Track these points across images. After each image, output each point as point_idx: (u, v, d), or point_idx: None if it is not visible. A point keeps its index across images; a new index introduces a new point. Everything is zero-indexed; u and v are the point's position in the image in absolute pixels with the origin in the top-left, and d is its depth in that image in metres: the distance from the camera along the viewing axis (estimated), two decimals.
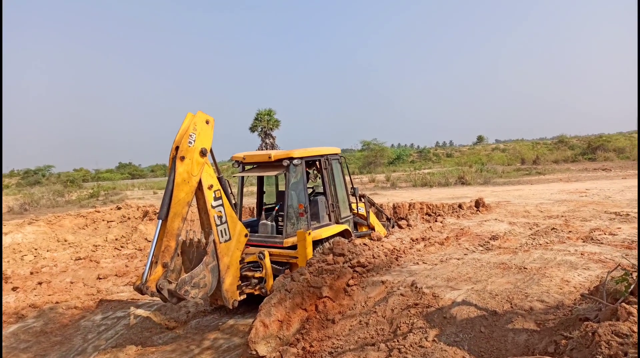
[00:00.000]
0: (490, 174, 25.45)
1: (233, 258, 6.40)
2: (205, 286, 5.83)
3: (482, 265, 5.32)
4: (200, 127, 5.98)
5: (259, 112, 39.29)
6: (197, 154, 5.89)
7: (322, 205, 7.86)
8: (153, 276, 5.44)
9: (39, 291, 9.26)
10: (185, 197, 5.74)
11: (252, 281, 6.83)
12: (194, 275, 5.69)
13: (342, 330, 4.48)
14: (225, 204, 6.34)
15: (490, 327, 3.77)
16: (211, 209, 6.12)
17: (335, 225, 7.86)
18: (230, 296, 6.34)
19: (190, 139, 5.82)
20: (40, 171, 52.34)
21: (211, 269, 5.97)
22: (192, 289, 5.63)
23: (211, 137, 6.24)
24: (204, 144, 6.03)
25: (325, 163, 7.93)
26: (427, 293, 4.44)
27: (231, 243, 6.35)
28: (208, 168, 6.16)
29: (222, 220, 6.24)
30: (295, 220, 7.27)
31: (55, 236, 14.43)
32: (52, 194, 26.62)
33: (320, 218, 7.77)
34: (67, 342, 6.67)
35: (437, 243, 6.76)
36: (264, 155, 7.54)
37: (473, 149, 65.25)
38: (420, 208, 12.59)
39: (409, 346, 3.78)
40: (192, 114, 6.02)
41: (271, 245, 7.23)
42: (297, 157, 7.23)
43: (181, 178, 5.69)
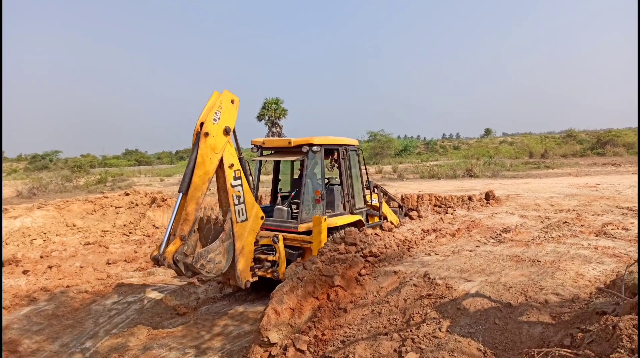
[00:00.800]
0: (498, 167, 25.34)
1: (248, 239, 6.41)
2: (219, 263, 5.86)
3: (494, 257, 5.30)
4: (226, 106, 6.04)
5: (267, 101, 39.24)
6: (221, 132, 5.94)
7: (338, 194, 7.91)
8: (170, 248, 5.49)
9: (49, 275, 9.34)
10: (206, 173, 5.82)
11: (264, 264, 6.84)
12: (210, 250, 5.74)
13: (354, 319, 4.48)
14: (244, 185, 6.38)
15: (504, 319, 3.76)
16: (230, 189, 6.16)
17: (350, 215, 7.87)
18: (243, 277, 6.34)
19: (215, 116, 5.86)
20: (48, 156, 52.68)
21: (227, 246, 6.00)
22: (207, 264, 5.66)
23: (235, 116, 6.28)
24: (228, 122, 6.06)
25: (343, 153, 7.96)
26: (440, 284, 4.43)
27: (247, 223, 6.36)
28: (230, 147, 6.18)
29: (240, 200, 6.28)
30: (311, 206, 7.33)
31: (64, 221, 14.52)
32: (60, 180, 26.76)
33: (335, 206, 7.82)
34: (79, 326, 6.73)
35: (449, 234, 6.75)
36: (283, 141, 7.64)
37: (480, 142, 64.90)
38: (429, 199, 12.54)
39: (423, 336, 3.78)
40: (218, 93, 6.07)
41: (285, 229, 7.27)
42: (317, 144, 7.27)
43: (204, 154, 5.74)
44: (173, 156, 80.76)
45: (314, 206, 7.33)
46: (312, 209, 7.34)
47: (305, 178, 7.31)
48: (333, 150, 8.04)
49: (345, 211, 7.90)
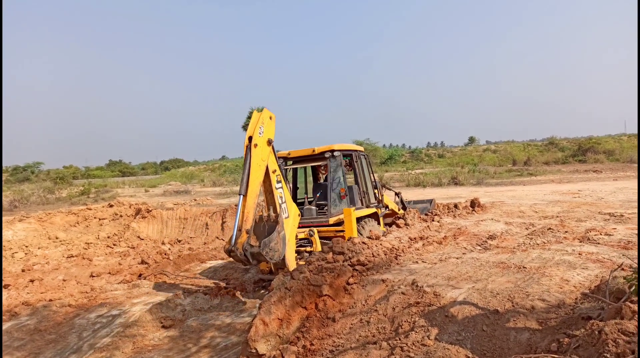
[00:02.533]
0: (482, 175, 25.62)
1: (291, 233, 7.37)
2: (278, 251, 6.64)
3: (481, 264, 5.34)
4: (267, 122, 7.12)
5: (252, 111, 39.22)
6: (266, 143, 7.01)
7: (356, 192, 9.15)
8: (240, 240, 6.41)
9: (31, 289, 9.15)
10: (258, 178, 6.84)
11: (304, 254, 7.85)
12: (271, 240, 6.54)
13: (343, 328, 4.47)
14: (284, 187, 7.48)
15: (492, 326, 3.78)
16: (275, 190, 7.23)
17: (367, 208, 9.13)
18: (291, 264, 7.18)
19: (260, 130, 6.94)
20: (30, 167, 51.80)
21: (282, 237, 6.80)
22: (270, 251, 6.44)
23: (274, 130, 7.38)
24: (270, 135, 7.17)
25: (356, 157, 9.23)
26: (428, 291, 4.44)
27: (289, 220, 7.38)
28: (272, 156, 7.23)
29: (282, 200, 7.34)
30: (338, 201, 8.57)
31: (46, 234, 14.28)
32: (42, 191, 26.34)
33: (355, 202, 9.01)
34: (62, 340, 6.58)
35: (436, 242, 6.78)
36: (308, 150, 8.81)
37: (465, 150, 65.56)
38: None
39: (411, 344, 3.78)
40: (258, 112, 7.14)
41: (318, 224, 8.41)
42: (337, 150, 8.55)
43: (256, 162, 6.76)
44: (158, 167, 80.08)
45: (340, 201, 8.59)
46: (339, 203, 8.57)
47: (331, 178, 8.52)
48: (348, 155, 9.23)
49: (362, 206, 9.10)
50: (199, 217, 15.45)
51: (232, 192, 23.21)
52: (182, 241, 13.95)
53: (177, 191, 29.85)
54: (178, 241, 13.96)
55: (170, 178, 45.39)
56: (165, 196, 26.33)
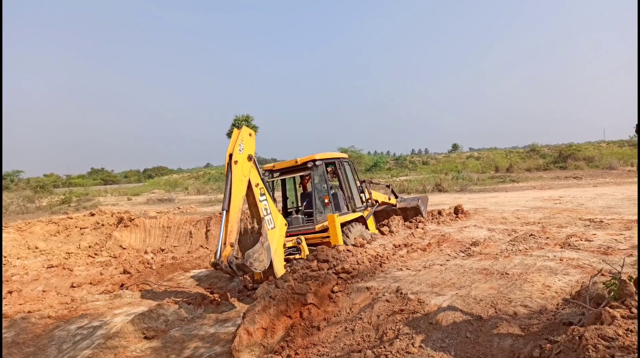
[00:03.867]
0: (466, 182, 25.86)
1: (278, 243, 7.59)
2: (262, 261, 6.89)
3: (464, 270, 5.38)
4: (246, 138, 7.48)
5: (237, 118, 39.15)
6: (246, 159, 7.33)
7: (341, 197, 9.34)
8: (224, 253, 6.64)
9: (9, 300, 8.92)
10: (240, 193, 7.12)
11: (293, 262, 7.62)
12: (255, 251, 6.81)
13: (328, 337, 4.45)
14: (269, 199, 7.73)
15: (475, 332, 3.80)
16: (259, 203, 7.49)
17: (352, 213, 9.21)
18: (280, 272, 7.27)
19: (239, 147, 7.25)
20: (9, 176, 50.74)
21: (266, 248, 7.08)
22: (254, 262, 6.69)
23: (254, 146, 7.71)
24: (250, 151, 7.50)
25: (339, 164, 9.47)
26: (412, 299, 4.46)
27: (275, 230, 7.61)
28: (253, 170, 7.53)
29: (267, 211, 7.57)
30: (323, 209, 8.80)
31: (25, 244, 13.97)
32: (22, 200, 25.85)
33: (340, 207, 9.19)
34: (41, 353, 6.42)
35: (420, 249, 6.82)
36: (291, 161, 9.09)
37: (448, 157, 66.20)
38: None
39: (396, 352, 3.78)
40: (238, 129, 7.47)
41: (305, 231, 8.65)
42: (319, 159, 8.80)
43: (237, 178, 7.06)
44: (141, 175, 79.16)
45: (324, 208, 8.79)
46: (324, 211, 8.76)
47: (314, 187, 8.81)
48: (331, 163, 9.48)
49: (348, 211, 9.27)
50: (182, 226, 15.29)
51: (217, 200, 23.04)
52: (166, 250, 13.77)
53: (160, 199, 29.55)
54: (161, 250, 13.78)
55: (154, 186, 44.94)
56: (149, 204, 26.02)
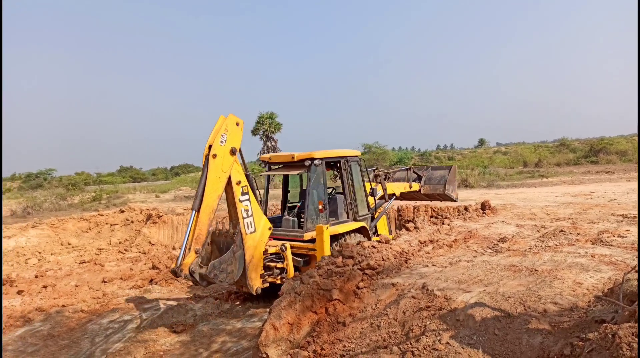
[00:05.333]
0: (493, 177, 25.46)
1: (257, 249, 6.93)
2: (232, 272, 6.35)
3: (492, 267, 5.30)
4: (231, 128, 6.69)
5: (261, 116, 39.31)
6: (228, 152, 6.58)
7: (341, 203, 8.32)
8: (186, 260, 6.05)
9: (44, 294, 9.24)
10: (216, 191, 6.43)
11: (274, 271, 7.26)
12: (223, 261, 6.25)
13: (353, 332, 4.46)
14: (252, 200, 6.98)
15: (504, 330, 3.74)
16: (239, 203, 6.74)
17: (353, 222, 8.25)
18: (253, 284, 6.84)
19: (222, 139, 6.48)
20: (42, 174, 52.40)
21: (238, 257, 6.46)
22: (220, 273, 6.18)
23: (240, 138, 6.88)
24: (234, 143, 6.70)
25: (344, 164, 8.37)
26: (438, 295, 4.42)
27: (256, 234, 6.91)
28: (237, 166, 6.79)
29: (248, 213, 6.84)
30: (315, 216, 7.76)
31: (59, 240, 14.43)
32: (55, 198, 26.62)
33: (339, 215, 8.23)
34: (75, 346, 6.64)
35: (446, 245, 6.74)
36: (287, 156, 8.08)
37: (475, 152, 65.14)
38: (425, 210, 12.56)
39: (422, 348, 3.76)
40: (224, 117, 6.67)
41: (292, 238, 7.73)
42: (318, 158, 7.76)
43: (213, 173, 6.36)
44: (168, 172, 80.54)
45: (317, 215, 7.75)
46: (316, 218, 7.74)
47: (309, 189, 7.76)
48: (334, 162, 8.43)
49: (348, 219, 8.29)
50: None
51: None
52: None
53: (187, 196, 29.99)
54: None
55: (181, 184, 45.62)
56: (176, 201, 26.46)
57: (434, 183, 11.41)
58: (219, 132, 6.50)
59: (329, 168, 8.68)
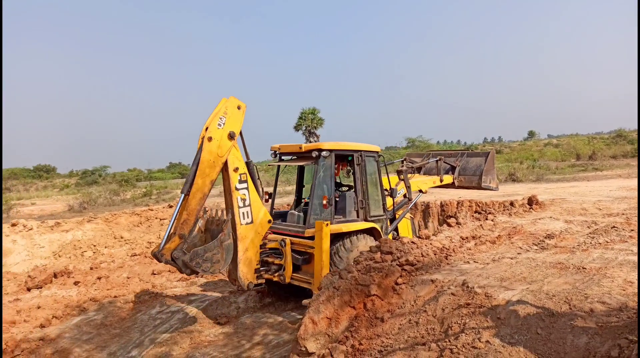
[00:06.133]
0: (543, 171, 24.52)
1: (252, 242, 6.56)
2: (218, 262, 5.90)
3: (537, 264, 5.13)
4: (231, 111, 6.29)
5: (303, 111, 39.51)
6: (226, 136, 6.18)
7: (351, 200, 7.70)
8: (169, 245, 5.70)
9: (98, 285, 9.75)
10: (208, 176, 6.04)
11: (271, 267, 7.01)
12: (207, 249, 5.80)
13: (392, 328, 4.45)
14: (251, 189, 6.56)
15: (547, 329, 3.63)
16: (235, 191, 6.39)
17: (363, 222, 7.64)
18: (245, 278, 6.50)
19: (220, 121, 6.14)
20: (97, 171, 54.98)
21: (226, 247, 6.00)
22: (203, 262, 5.74)
23: (241, 122, 6.46)
24: (233, 127, 6.29)
25: (358, 159, 7.78)
26: (479, 292, 4.33)
27: (252, 226, 6.55)
28: (235, 151, 6.38)
29: (245, 203, 6.48)
30: (319, 212, 7.27)
31: (112, 233, 15.13)
32: (109, 194, 27.90)
33: (347, 213, 7.60)
34: (126, 335, 6.98)
35: (489, 241, 6.58)
36: (295, 146, 7.68)
37: (524, 145, 62.92)
38: (469, 206, 12.29)
39: (461, 346, 3.70)
40: (226, 99, 6.34)
41: (294, 233, 7.36)
42: (326, 149, 7.24)
43: (207, 157, 5.99)
44: None
45: (321, 211, 7.25)
46: (320, 214, 7.25)
47: (315, 182, 7.35)
48: (346, 156, 7.94)
49: (358, 218, 7.66)
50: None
51: (285, 192, 23.52)
52: None
53: None
54: None
55: None
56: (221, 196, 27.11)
57: (469, 174, 10.28)
58: (217, 114, 6.18)
59: (341, 162, 8.20)
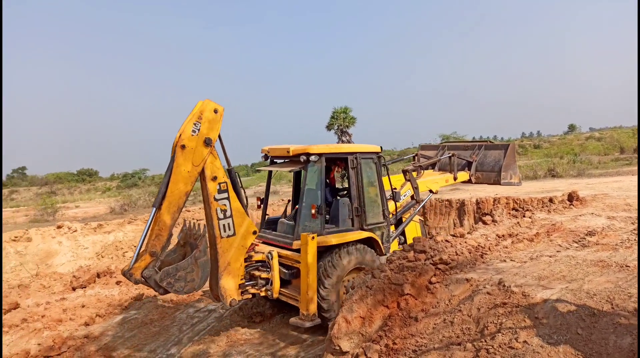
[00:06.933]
0: (584, 166, 23.64)
1: (235, 255, 6.09)
2: (192, 281, 5.54)
3: (577, 262, 4.97)
4: (207, 116, 5.80)
5: (335, 111, 39.48)
6: (201, 143, 5.72)
7: (345, 208, 7.14)
8: (139, 263, 5.29)
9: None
10: (182, 187, 5.59)
11: (258, 281, 6.50)
12: (180, 268, 5.45)
13: (426, 328, 4.40)
14: (232, 198, 6.06)
15: (588, 329, 3.52)
16: (214, 202, 5.92)
17: (359, 231, 7.08)
18: (228, 295, 6.02)
19: (194, 127, 5.68)
20: (137, 174, 56.65)
21: (201, 264, 5.63)
22: (176, 282, 5.38)
23: (218, 127, 5.97)
24: (210, 133, 5.81)
25: (352, 162, 7.13)
26: (516, 292, 4.23)
27: (235, 238, 6.05)
28: (213, 159, 5.92)
29: (226, 214, 5.99)
30: (309, 221, 6.72)
31: None
32: (148, 196, 28.69)
33: (341, 221, 7.07)
34: (165, 332, 7.19)
35: (526, 239, 6.40)
36: (284, 149, 7.07)
37: (564, 139, 60.78)
38: (506, 202, 12.00)
39: (498, 347, 3.64)
40: (202, 102, 5.88)
41: (282, 245, 6.88)
42: (315, 153, 6.68)
43: (180, 167, 5.56)
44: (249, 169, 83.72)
45: (310, 221, 6.70)
46: (310, 223, 6.70)
47: (303, 190, 6.83)
48: (339, 159, 7.41)
49: (353, 227, 7.11)
50: None
51: None
52: None
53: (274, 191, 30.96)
54: None
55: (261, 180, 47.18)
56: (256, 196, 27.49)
57: (487, 170, 9.48)
58: (191, 120, 5.68)
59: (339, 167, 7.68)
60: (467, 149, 10.14)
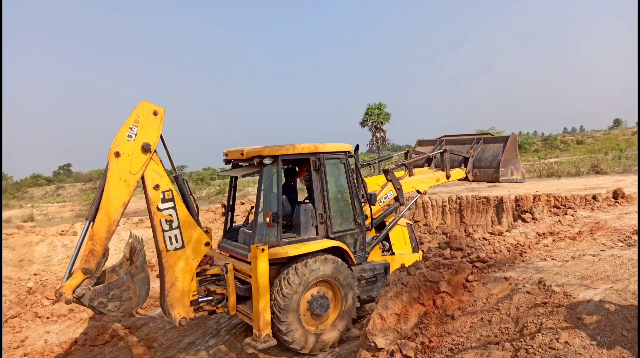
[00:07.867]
0: (630, 162, 22.64)
1: (185, 269, 5.65)
2: (130, 300, 5.15)
3: (622, 262, 4.79)
4: (145, 119, 5.34)
5: (369, 107, 39.30)
6: (139, 149, 5.28)
7: (308, 215, 6.52)
8: (70, 282, 4.88)
9: None
10: (119, 198, 5.14)
11: (214, 297, 6.08)
12: (114, 286, 5.03)
13: (463, 326, 4.36)
14: (179, 208, 5.62)
15: (634, 331, 3.40)
16: (157, 212, 5.47)
17: (324, 240, 6.44)
18: (176, 313, 5.60)
19: (130, 132, 5.23)
20: None
21: (139, 281, 5.21)
22: (109, 302, 4.98)
23: (158, 130, 5.50)
24: (148, 138, 5.35)
25: (315, 164, 6.52)
26: (557, 291, 4.12)
27: (183, 251, 5.63)
28: (155, 166, 5.49)
29: (172, 225, 5.53)
30: (264, 231, 6.13)
31: None
32: None
33: (302, 230, 6.44)
34: (203, 325, 7.39)
35: (568, 238, 6.21)
36: (237, 151, 6.55)
37: (609, 134, 58.43)
38: (547, 200, 11.66)
39: (538, 347, 3.56)
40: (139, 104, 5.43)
41: (239, 257, 6.44)
42: (268, 155, 6.11)
43: (115, 176, 5.12)
44: None
45: (266, 231, 6.12)
46: (266, 233, 6.13)
47: (258, 196, 6.38)
48: (300, 161, 6.98)
49: (317, 236, 6.48)
50: None
51: None
52: None
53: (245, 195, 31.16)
54: None
55: None
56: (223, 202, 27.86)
57: (485, 166, 8.67)
58: (127, 124, 5.22)
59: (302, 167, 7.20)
60: (465, 144, 9.33)
